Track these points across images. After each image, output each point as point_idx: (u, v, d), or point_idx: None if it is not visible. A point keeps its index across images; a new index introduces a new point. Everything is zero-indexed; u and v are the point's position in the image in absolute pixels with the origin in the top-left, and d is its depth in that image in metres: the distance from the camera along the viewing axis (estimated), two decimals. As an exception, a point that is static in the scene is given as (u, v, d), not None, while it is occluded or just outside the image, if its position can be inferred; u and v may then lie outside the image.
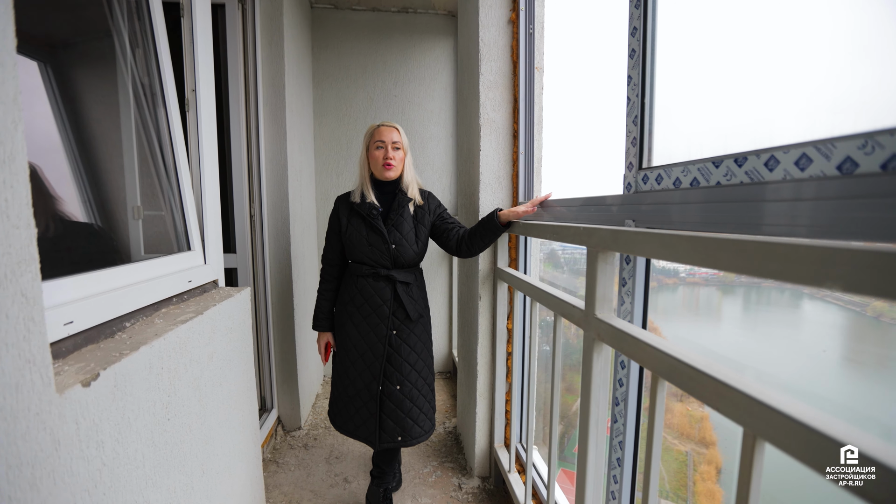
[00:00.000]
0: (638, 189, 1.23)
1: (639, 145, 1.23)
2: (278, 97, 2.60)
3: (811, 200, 0.77)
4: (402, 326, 2.04)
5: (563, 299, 1.40)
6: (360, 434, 2.07)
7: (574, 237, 1.31)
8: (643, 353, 0.96)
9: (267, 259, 2.66)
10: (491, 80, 2.21)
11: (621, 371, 1.31)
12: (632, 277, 1.26)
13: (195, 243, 1.61)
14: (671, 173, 1.10)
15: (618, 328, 1.07)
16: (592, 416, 1.22)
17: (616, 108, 1.50)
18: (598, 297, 1.18)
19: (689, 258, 0.84)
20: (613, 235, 1.09)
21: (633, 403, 1.29)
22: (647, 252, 0.96)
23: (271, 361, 2.74)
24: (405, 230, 2.03)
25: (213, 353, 1.40)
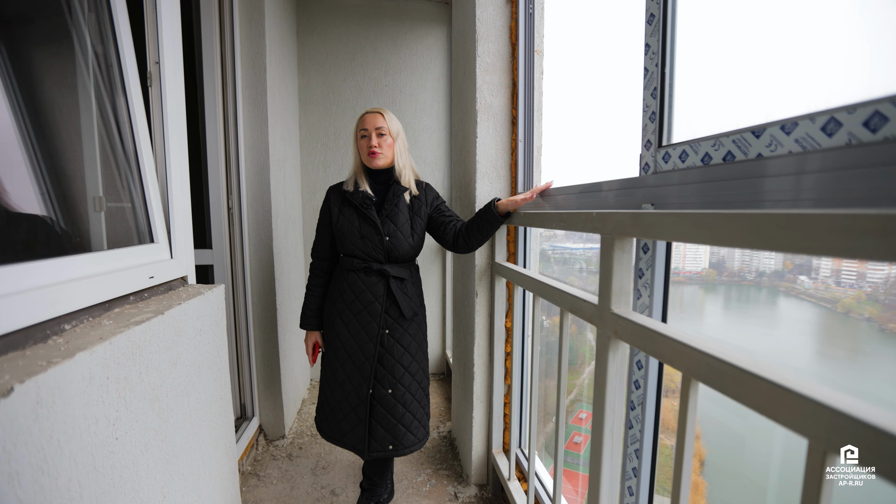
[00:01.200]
0: (657, 169, 1.08)
1: (658, 121, 1.08)
2: (259, 80, 2.43)
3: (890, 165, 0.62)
4: (395, 325, 1.90)
5: (573, 294, 1.25)
6: (348, 442, 1.93)
7: (585, 224, 1.16)
8: (672, 353, 0.82)
9: (247, 255, 2.48)
10: (488, 63, 2.06)
11: (638, 372, 1.16)
12: (650, 268, 1.11)
13: (159, 235, 1.44)
14: (699, 149, 0.95)
15: (640, 324, 0.92)
16: (608, 423, 1.08)
17: (627, 85, 1.36)
18: (614, 289, 1.03)
19: (734, 239, 0.69)
20: (634, 219, 0.94)
21: (652, 408, 1.14)
22: (679, 235, 0.81)
23: (252, 365, 2.56)
24: (400, 222, 1.89)
25: (176, 359, 1.23)
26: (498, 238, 2.07)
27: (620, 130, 1.55)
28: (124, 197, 1.40)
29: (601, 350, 1.08)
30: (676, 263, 4.38)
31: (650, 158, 1.10)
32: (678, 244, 1.15)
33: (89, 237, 1.34)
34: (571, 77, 2.09)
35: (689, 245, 5.10)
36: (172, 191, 1.50)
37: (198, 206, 2.42)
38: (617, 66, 1.56)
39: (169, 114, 1.47)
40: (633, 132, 1.24)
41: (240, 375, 2.54)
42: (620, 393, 1.08)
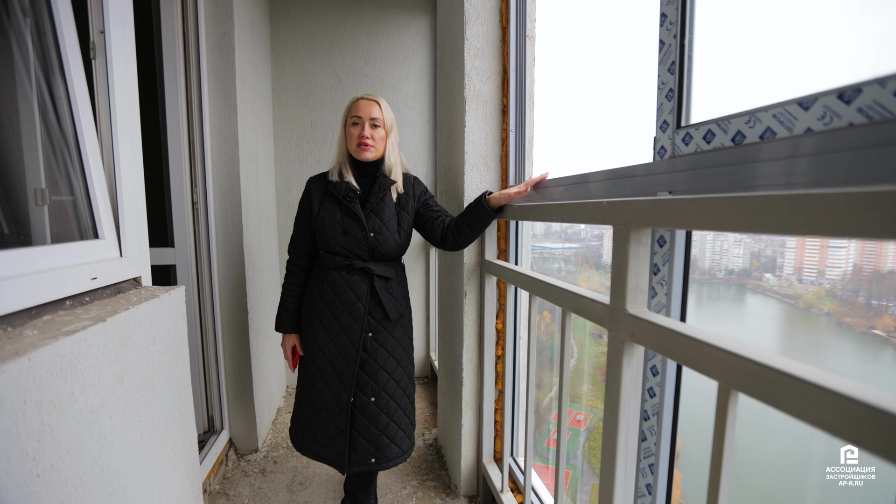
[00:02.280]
0: (675, 153, 0.95)
1: (676, 98, 0.95)
2: (227, 63, 2.24)
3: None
4: (378, 328, 1.76)
5: (579, 293, 1.11)
6: (327, 455, 1.77)
7: (593, 215, 1.02)
8: (707, 359, 0.69)
9: (214, 254, 2.29)
10: (477, 47, 1.91)
11: (652, 379, 1.02)
12: (667, 263, 0.98)
13: (106, 231, 1.26)
14: (729, 127, 0.82)
15: (664, 327, 0.78)
16: (621, 436, 0.94)
17: (631, 68, 1.23)
18: (629, 288, 0.90)
19: (790, 225, 0.56)
20: (656, 207, 0.80)
21: (669, 418, 1.01)
22: (715, 223, 0.68)
23: (220, 374, 2.37)
24: (386, 217, 1.74)
25: (123, 373, 1.06)
26: (488, 234, 1.93)
27: (622, 117, 1.42)
28: (64, 188, 1.22)
29: (614, 355, 0.94)
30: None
31: (667, 141, 0.97)
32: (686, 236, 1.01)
33: (30, 235, 1.16)
34: (566, 64, 1.96)
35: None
36: (122, 180, 1.32)
37: (157, 199, 2.23)
38: (619, 48, 1.44)
39: (117, 92, 1.29)
40: (639, 117, 1.12)
41: (207, 386, 2.35)
42: (635, 402, 0.94)
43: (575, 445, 6.42)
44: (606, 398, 0.97)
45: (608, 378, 0.97)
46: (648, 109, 1.07)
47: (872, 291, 3.27)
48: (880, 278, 3.24)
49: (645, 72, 1.12)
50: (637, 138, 1.19)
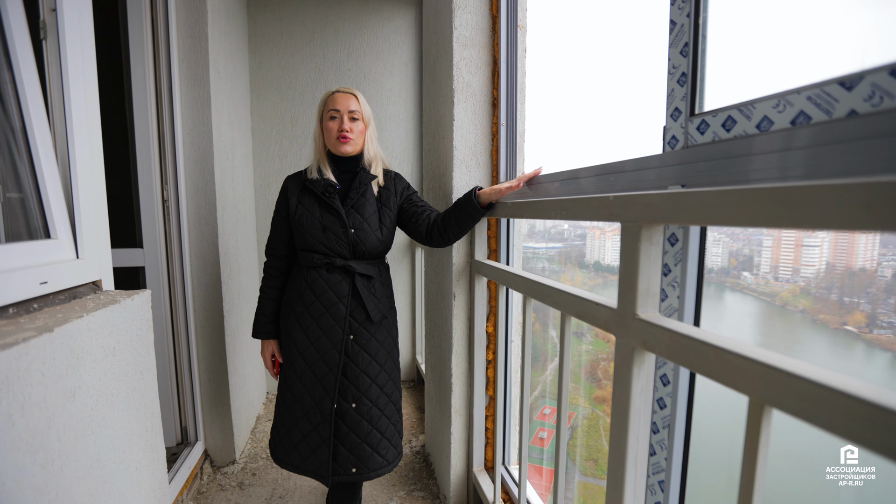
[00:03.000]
0: (689, 143, 0.86)
1: (690, 83, 0.86)
2: (200, 52, 2.11)
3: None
4: (360, 330, 1.67)
5: (581, 296, 1.02)
6: (309, 466, 1.68)
7: (598, 211, 0.94)
8: (736, 372, 0.61)
9: (186, 255, 2.16)
10: (466, 37, 1.82)
11: (663, 389, 0.94)
12: (679, 263, 0.89)
13: (59, 230, 1.14)
14: (753, 112, 0.73)
15: (681, 334, 0.70)
16: (631, 451, 0.86)
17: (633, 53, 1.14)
18: (640, 290, 0.81)
19: (839, 219, 0.48)
20: (673, 202, 0.71)
21: (681, 432, 0.92)
22: (747, 218, 0.59)
23: (194, 382, 2.24)
24: (367, 213, 1.66)
25: (75, 389, 0.95)
26: (478, 233, 1.83)
27: (621, 109, 1.33)
28: (11, 184, 1.10)
29: (623, 364, 0.85)
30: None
31: (678, 130, 0.88)
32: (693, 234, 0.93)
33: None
34: (559, 56, 1.88)
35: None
36: (78, 174, 1.20)
37: (124, 195, 2.10)
38: (615, 37, 1.35)
39: (72, 76, 1.17)
40: (640, 107, 1.03)
41: (180, 395, 2.22)
42: (646, 415, 0.86)
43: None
44: (614, 411, 0.88)
45: (615, 389, 0.88)
46: (652, 98, 0.98)
47: (844, 289, 3.28)
48: (852, 276, 3.25)
49: (646, 58, 1.04)
50: (638, 130, 1.11)
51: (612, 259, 7.59)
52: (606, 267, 7.82)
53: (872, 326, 3.39)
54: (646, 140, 1.05)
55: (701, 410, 0.90)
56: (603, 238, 7.95)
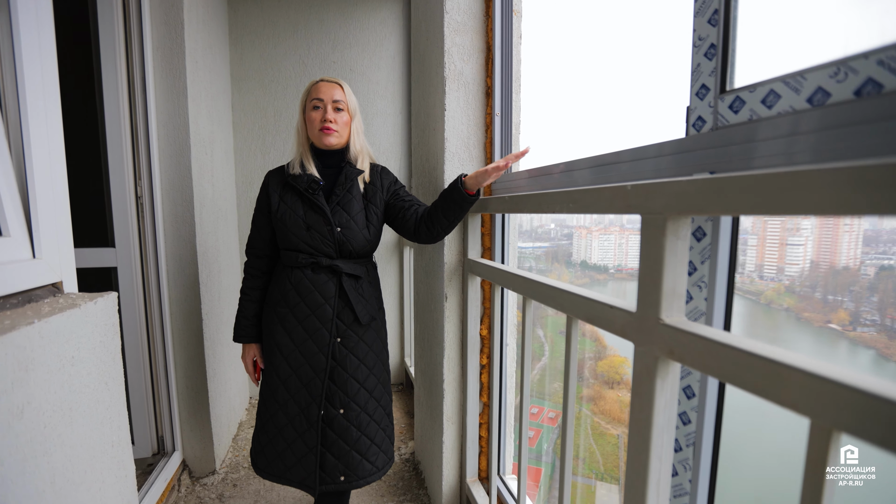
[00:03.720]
0: (719, 124, 0.77)
1: (721, 57, 0.77)
2: (175, 39, 1.98)
3: None
4: (348, 332, 1.57)
5: (592, 298, 0.93)
6: (295, 476, 1.58)
7: (612, 203, 0.84)
8: (796, 390, 0.51)
9: (162, 255, 2.04)
10: (459, 21, 1.72)
11: (687, 402, 0.85)
12: (707, 260, 0.80)
13: (12, 226, 1.02)
14: (803, 84, 0.64)
15: (720, 342, 0.61)
16: (653, 472, 0.76)
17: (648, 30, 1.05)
18: (665, 292, 0.72)
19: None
20: (710, 188, 0.62)
21: (708, 451, 0.83)
22: (811, 205, 0.50)
23: (171, 389, 2.11)
24: (354, 210, 1.56)
25: (22, 406, 0.83)
26: (471, 230, 1.73)
27: (625, 98, 1.23)
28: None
29: (643, 375, 0.76)
30: (619, 260, 4.26)
31: (706, 110, 0.79)
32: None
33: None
34: (557, 42, 1.78)
35: (630, 241, 4.91)
36: (35, 165, 1.08)
37: (95, 192, 1.97)
38: (622, 18, 1.26)
39: (25, 55, 1.05)
40: (648, 95, 0.94)
41: (156, 403, 2.09)
42: (669, 433, 0.77)
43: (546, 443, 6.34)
44: (632, 428, 0.79)
45: (634, 404, 0.79)
46: (664, 82, 0.90)
47: (829, 287, 3.28)
48: (836, 274, 3.24)
49: (658, 37, 0.95)
50: (647, 118, 1.02)
51: (598, 258, 7.48)
52: (593, 266, 7.73)
53: (856, 324, 3.39)
54: (656, 128, 0.96)
55: (730, 427, 0.81)
56: (589, 237, 7.88)
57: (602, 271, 7.14)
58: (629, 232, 7.08)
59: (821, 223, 3.51)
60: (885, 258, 3.28)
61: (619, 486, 6.69)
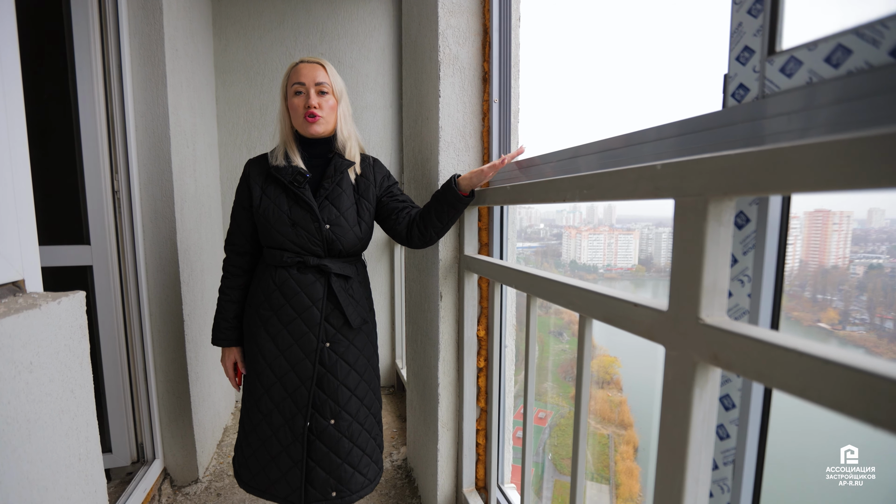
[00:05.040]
0: (765, 92, 0.68)
1: (770, 11, 0.67)
2: (153, 25, 1.86)
3: None
4: (338, 337, 1.47)
5: (612, 295, 0.84)
6: (280, 492, 1.48)
7: (637, 186, 0.75)
8: (881, 402, 0.42)
9: (140, 252, 1.91)
10: (454, 2, 1.63)
11: (724, 414, 0.76)
12: (751, 250, 0.71)
13: (-38, 217, 0.91)
14: (885, 34, 0.53)
15: (781, 346, 0.52)
16: (689, 498, 0.67)
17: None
18: (704, 287, 0.63)
19: None
20: (765, 162, 0.53)
21: (751, 470, 0.74)
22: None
23: (151, 394, 1.99)
24: (344, 206, 1.45)
25: (-37, 422, 0.72)
26: (467, 225, 1.64)
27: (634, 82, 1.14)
28: None
29: (677, 384, 0.67)
30: (609, 260, 4.18)
31: (749, 77, 0.70)
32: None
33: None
34: (559, 24, 1.69)
35: (619, 241, 4.84)
36: (-11, 150, 0.97)
37: (68, 186, 1.84)
38: None
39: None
40: (660, 76, 0.85)
41: (135, 409, 1.97)
42: (708, 450, 0.68)
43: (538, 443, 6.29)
44: (662, 444, 0.70)
45: (666, 417, 0.69)
46: (684, 54, 0.81)
47: (818, 286, 3.24)
48: (825, 273, 3.20)
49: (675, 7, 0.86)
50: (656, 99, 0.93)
51: (587, 258, 7.42)
52: (583, 266, 7.68)
53: (845, 323, 3.36)
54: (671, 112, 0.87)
55: (777, 442, 0.73)
56: (579, 237, 7.83)
57: (591, 271, 7.09)
58: (619, 232, 7.05)
59: (810, 222, 3.48)
60: (874, 257, 3.28)
61: (609, 485, 6.65)
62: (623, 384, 7.02)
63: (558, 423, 6.92)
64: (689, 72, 6.36)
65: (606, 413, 8.63)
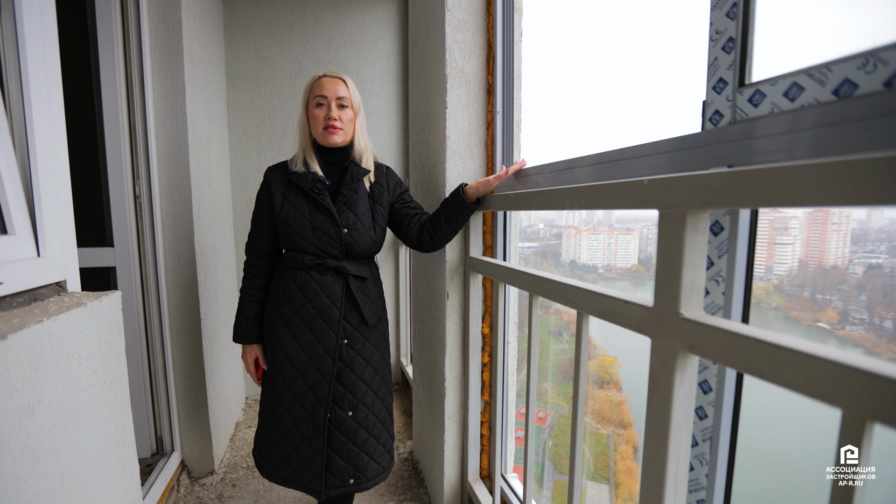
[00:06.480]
0: (737, 118, 0.78)
1: (739, 50, 0.78)
2: (173, 38, 1.97)
3: None
4: (355, 334, 1.57)
5: (605, 294, 0.94)
6: (300, 479, 1.57)
7: (627, 198, 0.85)
8: (825, 381, 0.52)
9: (160, 254, 2.02)
10: (460, 19, 1.72)
11: (703, 396, 0.86)
12: (725, 255, 0.81)
13: (17, 225, 1.01)
14: (829, 76, 0.64)
15: (744, 336, 0.62)
16: (671, 470, 0.77)
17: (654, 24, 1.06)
18: (684, 286, 0.73)
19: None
20: (733, 181, 0.63)
21: (725, 446, 0.84)
22: (842, 197, 0.51)
23: (170, 389, 2.09)
24: (360, 211, 1.56)
25: (33, 404, 0.82)
26: (472, 229, 1.74)
27: (628, 96, 1.24)
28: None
29: (661, 370, 0.77)
30: (608, 260, 4.20)
31: (724, 104, 0.80)
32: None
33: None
34: (559, 39, 1.79)
35: (619, 241, 4.88)
36: (39, 165, 1.07)
37: (93, 191, 1.94)
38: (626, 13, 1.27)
39: (30, 53, 1.03)
40: (652, 92, 0.94)
41: (155, 403, 2.07)
42: (688, 428, 0.77)
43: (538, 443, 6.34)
44: (650, 423, 0.79)
45: (652, 399, 0.79)
46: (671, 78, 0.91)
47: (817, 286, 3.28)
48: (824, 273, 3.24)
49: (664, 32, 0.96)
50: (651, 115, 1.03)
51: (587, 258, 7.47)
52: (582, 266, 7.70)
53: (844, 323, 3.38)
54: (664, 125, 0.97)
55: (747, 420, 0.82)
56: (578, 237, 7.86)
57: (591, 271, 7.14)
58: (618, 232, 7.11)
59: (809, 221, 3.54)
60: (873, 256, 3.29)
61: (608, 485, 6.68)
62: (622, 384, 7.07)
63: (558, 423, 6.99)
64: (676, 93, 6.50)
65: (606, 413, 8.67)
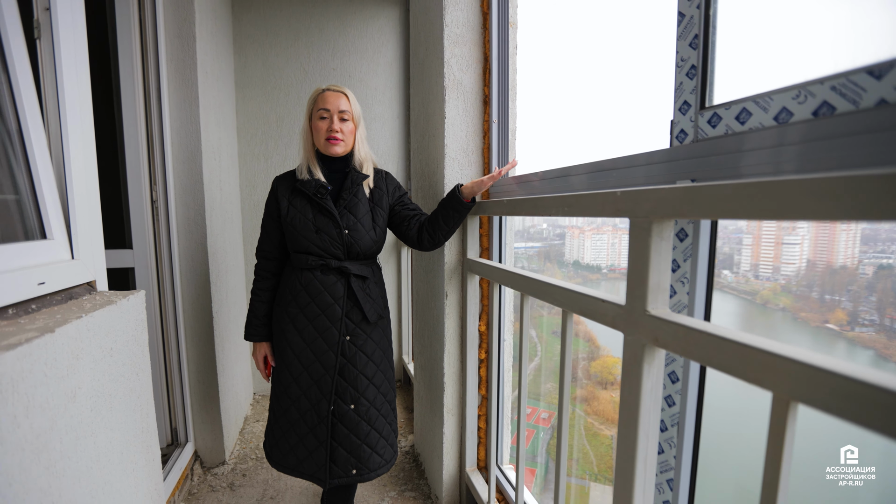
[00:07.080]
0: (699, 137, 0.88)
1: (700, 76, 0.88)
2: (187, 52, 2.08)
3: None
4: (357, 331, 1.66)
5: (585, 293, 1.04)
6: (306, 469, 1.67)
7: (604, 207, 0.95)
8: (758, 367, 0.62)
9: (175, 256, 2.13)
10: (457, 34, 1.83)
11: (671, 386, 0.96)
12: (689, 258, 0.91)
13: (55, 230, 1.12)
14: (770, 104, 0.74)
15: (697, 330, 0.72)
16: (641, 451, 0.87)
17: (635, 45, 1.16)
18: (650, 286, 0.83)
19: (870, 211, 0.50)
20: (688, 195, 0.73)
21: (691, 430, 0.94)
22: (770, 212, 0.61)
23: (184, 383, 2.21)
24: (360, 213, 1.66)
25: (76, 390, 0.93)
26: (470, 232, 1.84)
27: (615, 107, 1.35)
28: (6, 185, 1.07)
29: (632, 362, 0.87)
30: (612, 260, 4.20)
31: (687, 124, 0.90)
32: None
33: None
34: (551, 53, 1.90)
35: (623, 241, 4.92)
36: (73, 175, 1.18)
37: (113, 196, 2.06)
38: (611, 32, 1.37)
39: (65, 76, 1.15)
40: (636, 105, 1.04)
41: (170, 396, 2.18)
42: (655, 413, 0.88)
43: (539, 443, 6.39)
44: (622, 409, 0.90)
45: (624, 387, 0.89)
46: (652, 94, 1.00)
47: (825, 286, 3.26)
48: (833, 273, 3.23)
49: (644, 53, 1.06)
50: (635, 126, 1.12)
51: (591, 258, 7.50)
52: (586, 266, 7.72)
53: (854, 324, 3.31)
54: (643, 136, 1.07)
55: (711, 407, 0.92)
56: (582, 237, 7.87)
57: (595, 271, 7.18)
58: (622, 232, 7.16)
59: (817, 222, 3.51)
60: (884, 257, 3.21)
61: (612, 486, 6.72)
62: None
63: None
64: (650, 110, 6.70)
65: (610, 414, 8.69)
